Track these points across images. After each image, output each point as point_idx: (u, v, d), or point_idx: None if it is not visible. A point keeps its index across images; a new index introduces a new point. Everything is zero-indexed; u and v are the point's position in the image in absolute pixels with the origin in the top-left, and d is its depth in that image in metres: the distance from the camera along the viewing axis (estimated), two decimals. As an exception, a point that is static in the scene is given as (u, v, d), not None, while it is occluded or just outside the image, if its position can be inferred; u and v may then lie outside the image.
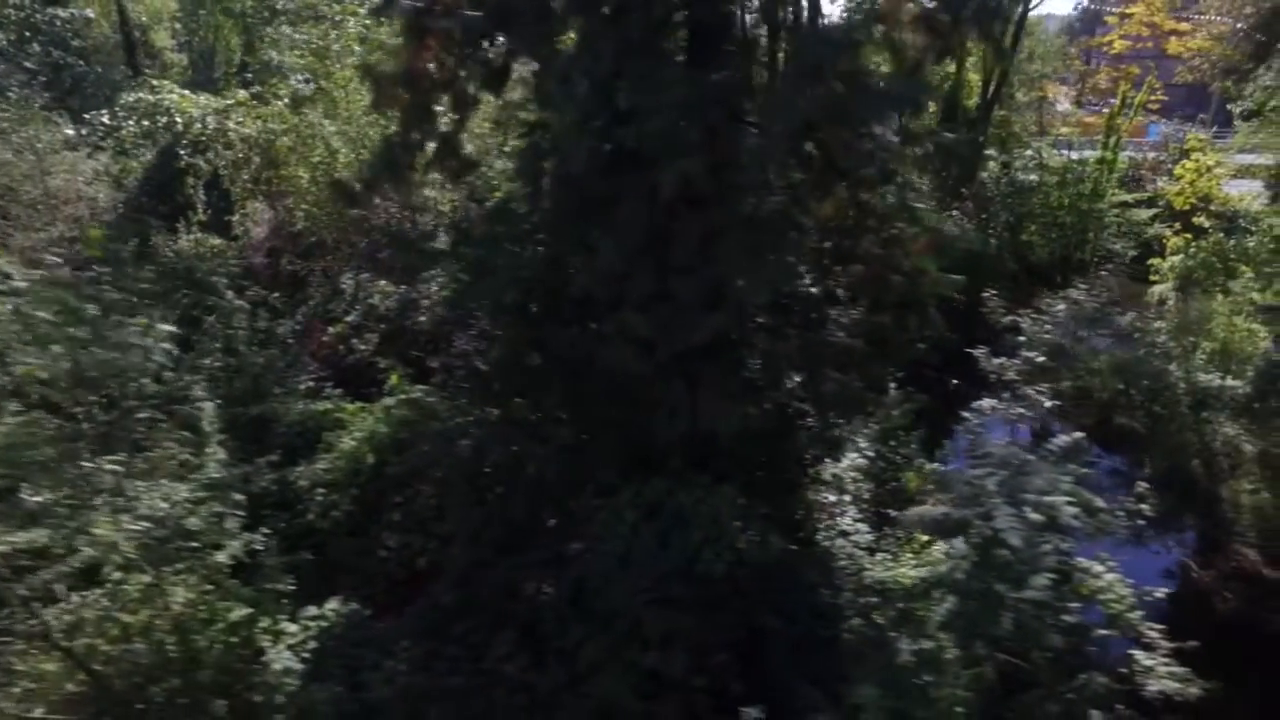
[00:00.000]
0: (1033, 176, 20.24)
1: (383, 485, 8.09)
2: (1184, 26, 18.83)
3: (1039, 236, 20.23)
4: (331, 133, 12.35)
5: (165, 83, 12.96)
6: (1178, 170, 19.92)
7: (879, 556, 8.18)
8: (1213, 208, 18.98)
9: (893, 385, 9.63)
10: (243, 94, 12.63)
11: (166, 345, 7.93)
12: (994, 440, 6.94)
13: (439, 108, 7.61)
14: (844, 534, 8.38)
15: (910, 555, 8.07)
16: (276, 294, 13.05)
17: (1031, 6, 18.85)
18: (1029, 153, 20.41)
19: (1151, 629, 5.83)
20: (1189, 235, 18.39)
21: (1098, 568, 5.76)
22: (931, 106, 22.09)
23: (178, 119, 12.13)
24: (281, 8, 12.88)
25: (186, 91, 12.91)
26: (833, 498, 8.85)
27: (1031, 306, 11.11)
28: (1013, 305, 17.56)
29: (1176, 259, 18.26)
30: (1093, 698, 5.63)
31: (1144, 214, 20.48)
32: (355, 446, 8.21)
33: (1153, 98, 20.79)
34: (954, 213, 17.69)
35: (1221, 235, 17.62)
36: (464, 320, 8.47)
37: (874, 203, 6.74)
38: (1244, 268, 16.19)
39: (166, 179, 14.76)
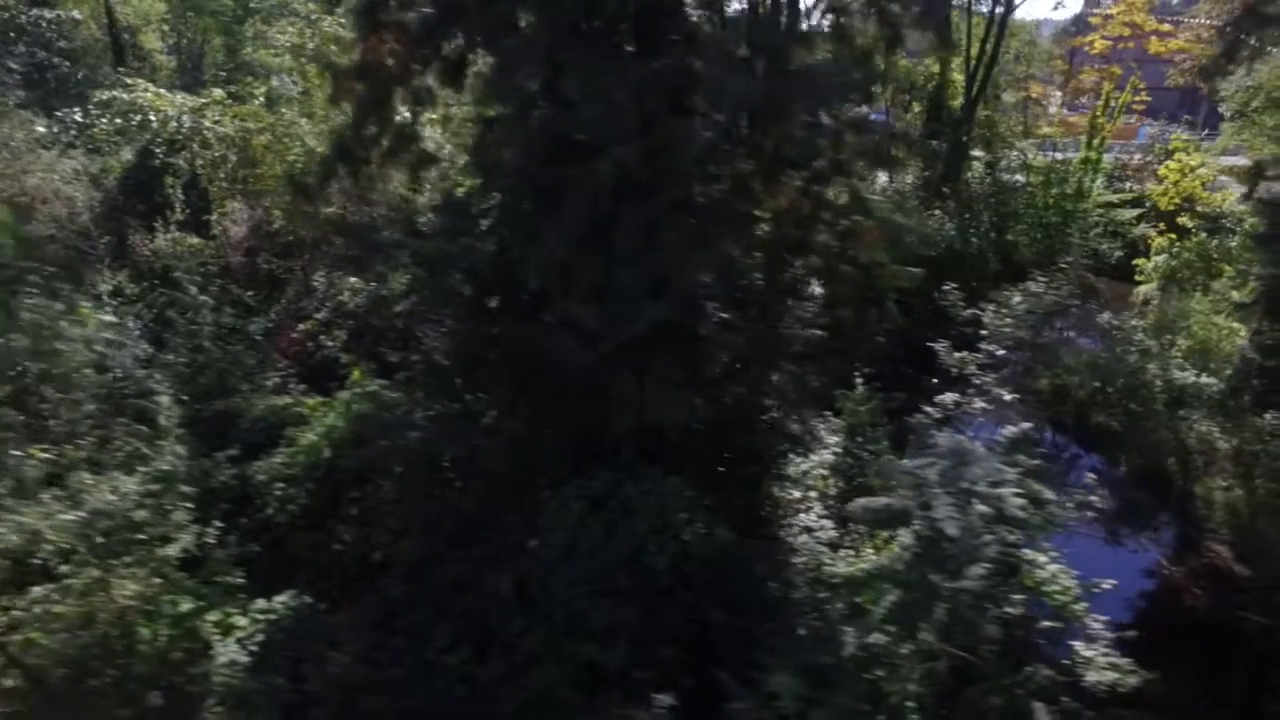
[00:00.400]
0: (1017, 177, 20.28)
1: (340, 479, 8.06)
2: (1165, 27, 18.82)
3: (1024, 237, 20.23)
4: (308, 131, 12.37)
5: (140, 81, 12.99)
6: (1162, 170, 19.95)
7: (841, 552, 8.15)
8: (1198, 208, 19.02)
9: (860, 381, 9.62)
10: (218, 93, 12.65)
11: (121, 339, 7.96)
12: (953, 435, 6.94)
13: (400, 103, 7.65)
14: (808, 530, 8.34)
15: (871, 550, 8.04)
16: (251, 292, 13.10)
17: (1015, 6, 18.89)
18: (1014, 153, 20.41)
19: (1095, 620, 5.78)
20: (1173, 235, 18.43)
21: (1042, 559, 5.72)
22: (916, 106, 22.25)
23: (152, 117, 12.14)
24: (256, 6, 12.90)
25: (163, 90, 12.93)
26: (797, 494, 8.82)
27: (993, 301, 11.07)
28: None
29: (1160, 259, 18.29)
30: (1037, 690, 5.59)
31: (1128, 214, 20.48)
32: (313, 441, 8.19)
33: (1136, 98, 20.79)
34: (936, 211, 17.71)
35: (1205, 235, 17.66)
36: (428, 315, 8.45)
37: (826, 195, 6.72)
38: (1226, 267, 16.21)
39: (145, 178, 14.76)
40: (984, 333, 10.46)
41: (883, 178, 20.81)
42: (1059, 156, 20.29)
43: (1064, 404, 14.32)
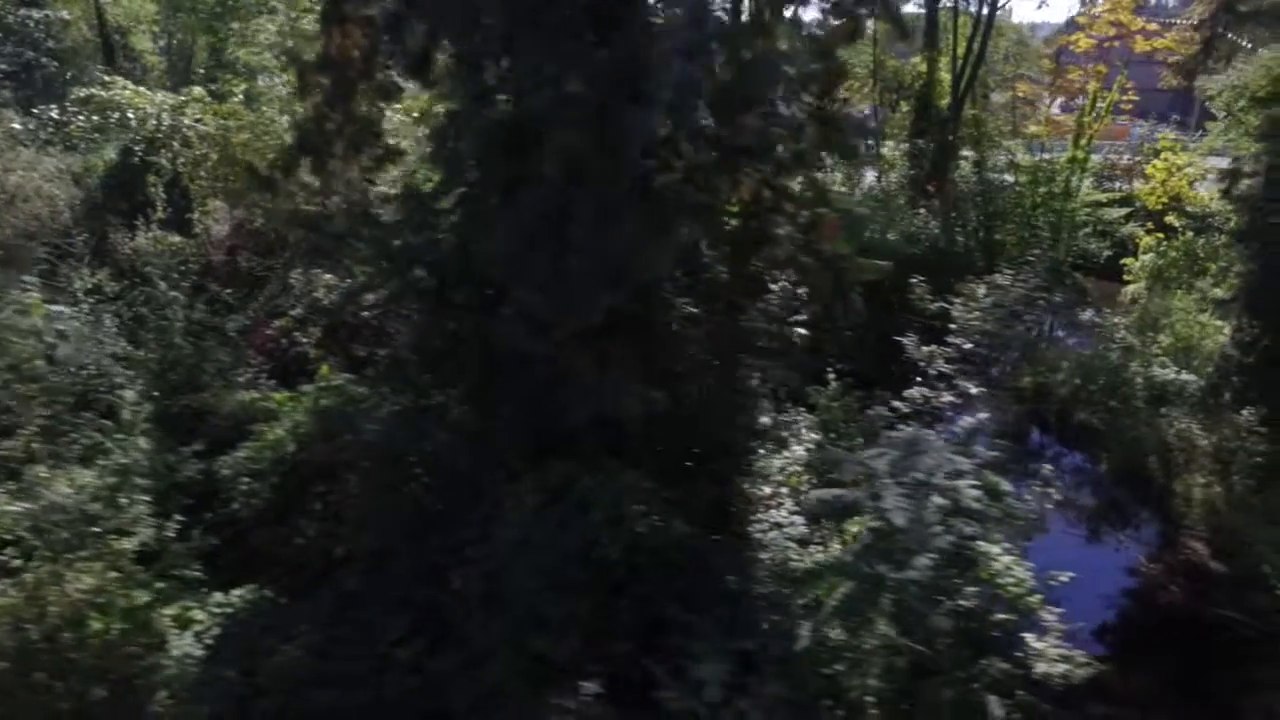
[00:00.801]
0: (1007, 177, 20.25)
1: (305, 474, 8.03)
2: (1152, 26, 18.83)
3: (1012, 236, 20.21)
4: (286, 129, 12.37)
5: (118, 79, 13.00)
6: (1149, 170, 19.95)
7: (811, 548, 8.11)
8: (1188, 208, 18.99)
9: (834, 377, 9.59)
10: (198, 90, 12.65)
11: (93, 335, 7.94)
12: (916, 428, 6.89)
13: (366, 97, 7.64)
14: (778, 526, 8.30)
15: (839, 545, 8.00)
16: (230, 290, 13.09)
17: (1000, 6, 18.90)
18: (1001, 153, 20.39)
19: (1050, 613, 5.73)
20: (1161, 235, 18.42)
21: (995, 550, 5.68)
22: (904, 105, 22.25)
23: (130, 115, 12.14)
24: (235, 3, 12.93)
25: (142, 89, 12.94)
26: (768, 490, 8.78)
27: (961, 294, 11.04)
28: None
29: (1147, 258, 18.26)
30: (991, 683, 5.54)
31: (1116, 213, 20.46)
32: (279, 436, 8.16)
33: (1124, 98, 20.79)
34: (921, 210, 17.71)
35: (1191, 234, 17.64)
36: (397, 310, 8.44)
37: (789, 187, 6.71)
38: (1212, 265, 16.19)
39: (128, 177, 14.77)
40: (953, 326, 10.42)
41: (870, 177, 20.93)
42: (1048, 157, 20.29)
43: (1047, 401, 14.31)
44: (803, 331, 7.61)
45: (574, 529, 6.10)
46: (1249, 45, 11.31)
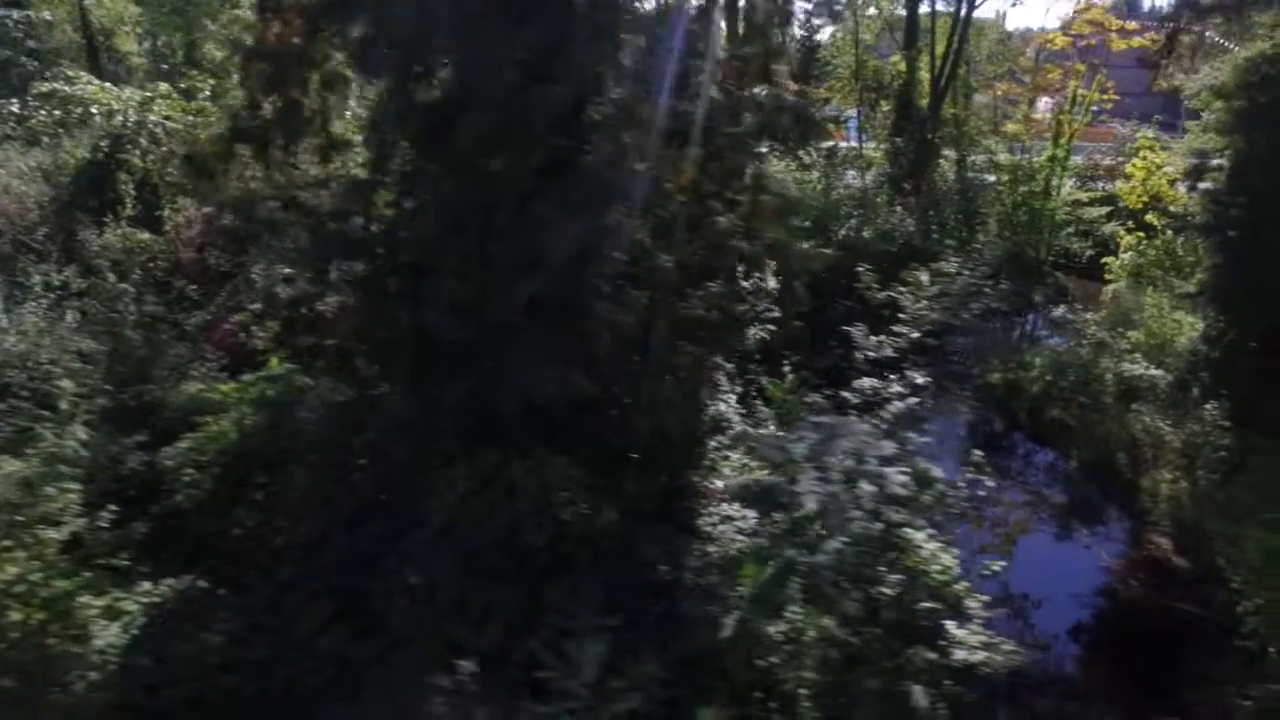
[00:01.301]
0: (988, 177, 20.21)
1: (248, 464, 7.97)
2: (1131, 26, 18.81)
3: (994, 235, 20.17)
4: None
5: (82, 74, 13.00)
6: (1129, 169, 19.90)
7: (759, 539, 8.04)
8: (1170, 207, 18.93)
9: (789, 369, 9.54)
10: (164, 87, 12.65)
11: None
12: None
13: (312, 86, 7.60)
14: (728, 519, 8.23)
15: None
16: (194, 287, 13.08)
17: (976, 5, 18.89)
18: (981, 152, 20.37)
19: (975, 601, 5.65)
20: (1141, 234, 18.38)
21: (919, 536, 5.60)
22: (885, 105, 22.24)
23: (94, 110, 12.13)
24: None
25: (108, 84, 12.94)
26: (720, 483, 8.70)
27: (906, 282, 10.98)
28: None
29: (1127, 256, 18.22)
30: (916, 673, 5.45)
31: (1096, 212, 20.42)
32: (222, 427, 8.11)
33: (1104, 97, 20.77)
34: (898, 207, 17.66)
35: (1171, 233, 17.60)
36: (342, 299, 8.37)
37: (724, 170, 6.66)
38: (1190, 263, 16.13)
39: (99, 174, 14.76)
40: (902, 315, 10.35)
41: (852, 176, 20.89)
42: (1030, 158, 20.24)
43: (1019, 398, 14.23)
44: (767, 327, 7.59)
45: (500, 517, 6.03)
46: (1212, 38, 11.26)
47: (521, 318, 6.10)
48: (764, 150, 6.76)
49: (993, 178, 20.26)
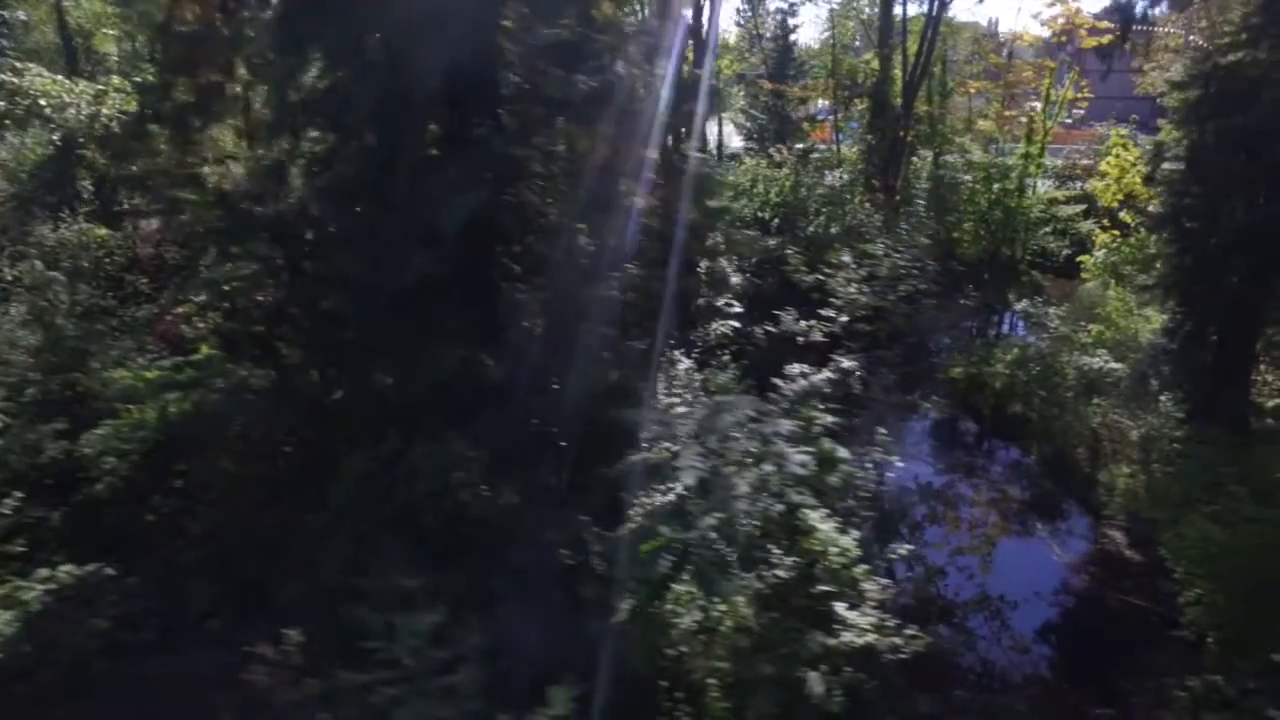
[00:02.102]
0: (964, 176, 20.09)
1: (169, 451, 7.86)
2: (1104, 25, 18.75)
3: (968, 235, 20.07)
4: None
5: (31, 66, 12.97)
6: (1103, 166, 19.81)
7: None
8: (1149, 207, 18.81)
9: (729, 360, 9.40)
10: (116, 80, 12.60)
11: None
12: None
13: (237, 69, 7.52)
14: (642, 502, 8.08)
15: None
16: (153, 282, 13.04)
17: (948, 3, 18.85)
18: (955, 151, 20.28)
19: (873, 585, 5.50)
20: (1116, 231, 18.26)
21: (814, 516, 5.45)
22: (860, 103, 22.19)
23: (43, 103, 12.08)
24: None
25: (59, 77, 12.90)
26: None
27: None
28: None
29: (1101, 254, 18.09)
30: (812, 659, 5.29)
31: (1070, 210, 20.31)
32: (144, 414, 8.00)
33: (1079, 95, 20.71)
34: (867, 204, 17.57)
35: (1144, 231, 17.48)
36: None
37: (643, 151, 6.56)
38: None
39: (57, 169, 14.72)
40: (836, 300, 10.21)
41: (831, 176, 20.83)
42: (1004, 158, 20.15)
43: (982, 393, 14.08)
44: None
45: (398, 499, 5.91)
46: (1161, 30, 11.19)
47: (426, 297, 5.99)
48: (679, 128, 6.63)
49: (968, 177, 20.17)
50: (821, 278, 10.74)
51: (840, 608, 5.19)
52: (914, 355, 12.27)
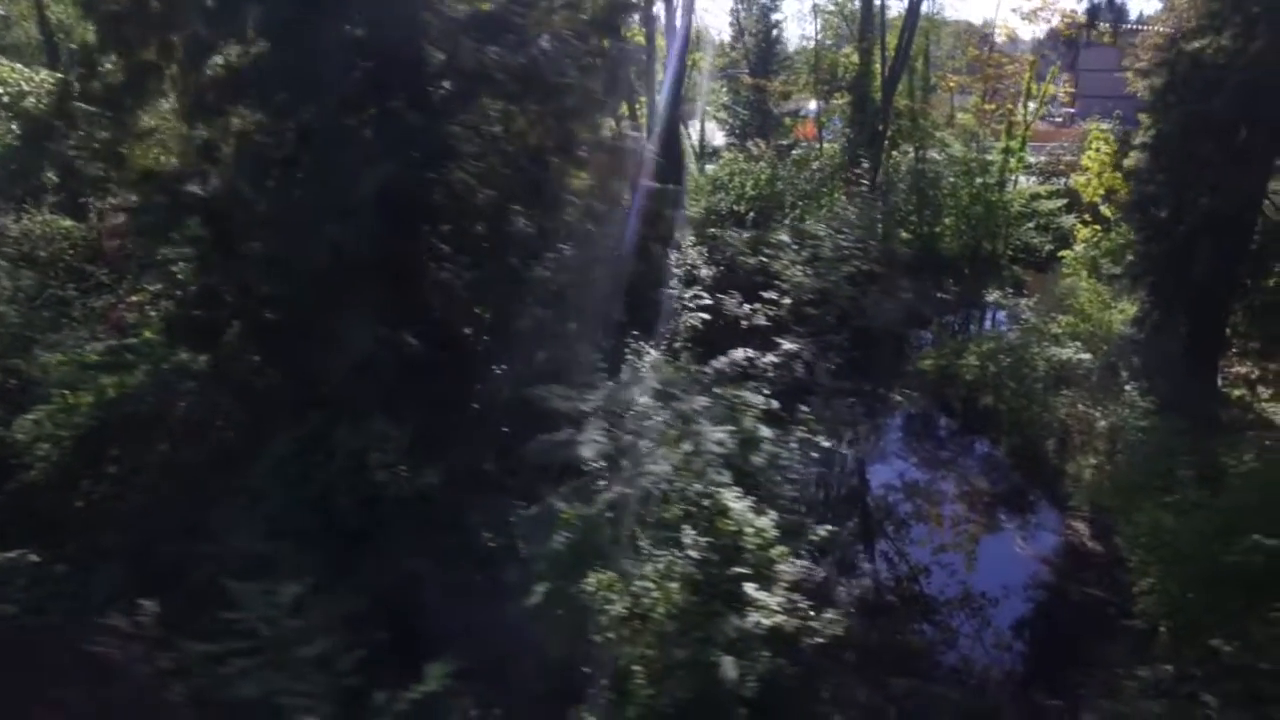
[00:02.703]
0: (944, 170, 19.96)
1: (103, 436, 7.73)
2: (1083, 19, 18.64)
3: (950, 230, 19.95)
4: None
5: (-8, 56, 12.85)
6: (1084, 161, 19.69)
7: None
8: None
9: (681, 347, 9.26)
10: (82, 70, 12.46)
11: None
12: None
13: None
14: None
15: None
16: (112, 272, 12.92)
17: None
18: (934, 146, 20.15)
19: (789, 567, 5.35)
20: (1097, 226, 18.13)
21: (729, 496, 5.31)
22: (840, 97, 22.07)
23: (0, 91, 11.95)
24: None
25: (17, 65, 12.77)
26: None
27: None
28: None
29: (1081, 248, 17.96)
30: (725, 643, 5.14)
31: (1051, 204, 20.19)
32: (79, 398, 7.87)
33: (1061, 89, 20.59)
34: (841, 196, 17.44)
35: (1125, 225, 17.36)
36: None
37: (563, 125, 6.44)
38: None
39: (24, 160, 14.60)
40: (781, 284, 10.07)
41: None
42: (984, 154, 20.00)
43: (953, 385, 13.93)
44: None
45: (315, 479, 5.78)
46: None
47: (345, 275, 5.87)
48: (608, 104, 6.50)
49: (948, 171, 20.04)
50: (764, 259, 10.58)
51: (750, 588, 5.03)
52: (868, 340, 12.08)
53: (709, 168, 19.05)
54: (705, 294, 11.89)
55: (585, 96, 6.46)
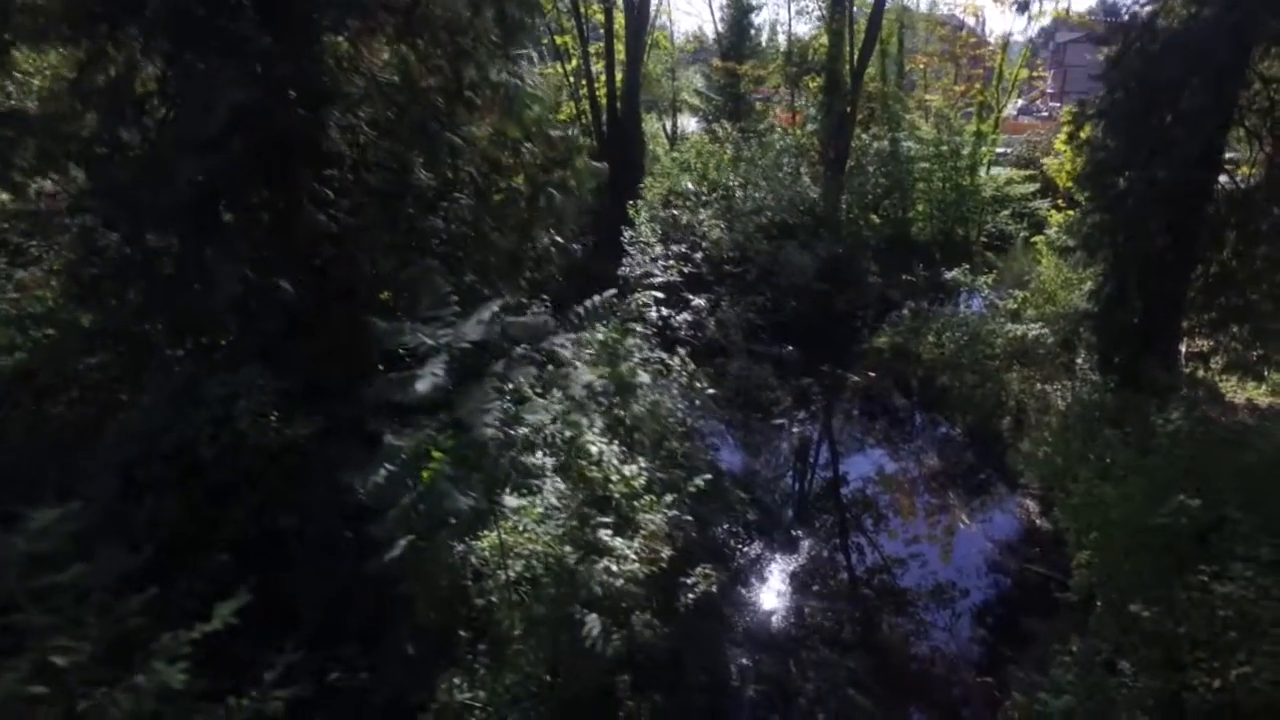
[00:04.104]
0: (913, 148, 19.62)
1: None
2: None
3: (922, 216, 19.65)
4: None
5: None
6: (1057, 144, 19.42)
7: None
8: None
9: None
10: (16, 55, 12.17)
11: None
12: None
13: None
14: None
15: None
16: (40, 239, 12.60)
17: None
18: (903, 129, 19.84)
19: (655, 515, 5.02)
20: (1070, 211, 17.85)
21: (592, 438, 4.98)
22: (813, 81, 21.75)
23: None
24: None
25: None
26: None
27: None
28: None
29: (1053, 233, 17.69)
30: (591, 600, 4.81)
31: (1024, 189, 19.89)
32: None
33: (1034, 75, 20.31)
34: (805, 176, 17.13)
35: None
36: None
37: (456, 68, 6.13)
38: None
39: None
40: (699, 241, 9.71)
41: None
42: (954, 139, 19.69)
43: (906, 361, 13.59)
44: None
45: (177, 428, 5.46)
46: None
47: (214, 215, 5.56)
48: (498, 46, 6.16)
49: (918, 152, 19.72)
50: (674, 213, 10.26)
51: (605, 535, 4.71)
52: (797, 303, 11.55)
53: (675, 154, 18.75)
54: (656, 272, 11.63)
55: (477, 37, 6.15)
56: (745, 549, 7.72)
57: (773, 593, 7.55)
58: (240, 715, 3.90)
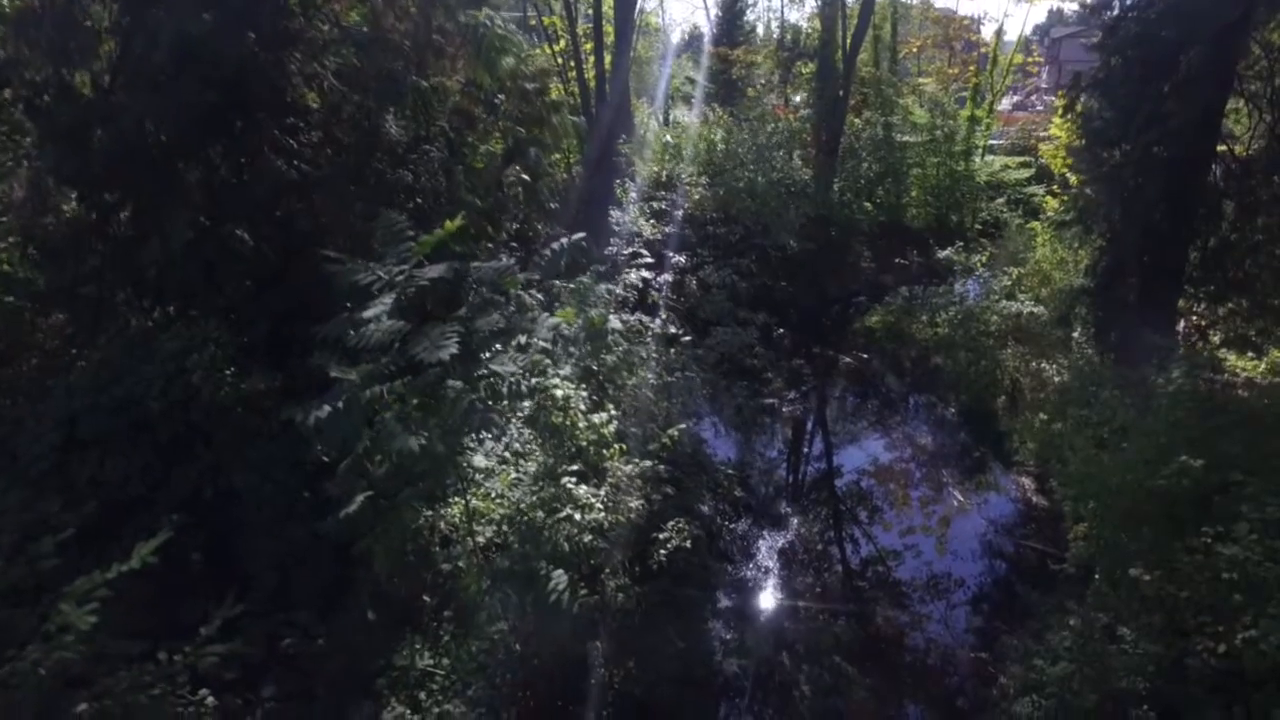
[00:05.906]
0: (907, 135, 19.38)
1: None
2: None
3: (916, 202, 19.42)
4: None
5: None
6: (1052, 130, 19.21)
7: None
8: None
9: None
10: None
11: None
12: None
13: None
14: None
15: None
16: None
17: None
18: (900, 114, 19.61)
19: (625, 465, 4.74)
20: (1065, 196, 17.63)
21: (560, 385, 4.69)
22: (806, 67, 21.51)
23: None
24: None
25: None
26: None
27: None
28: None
29: (1049, 214, 17.47)
30: (552, 554, 4.53)
31: (1019, 174, 19.66)
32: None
33: (1029, 60, 20.09)
34: (797, 160, 16.87)
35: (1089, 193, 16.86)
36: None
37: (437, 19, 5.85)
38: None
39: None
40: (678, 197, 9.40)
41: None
42: (948, 123, 19.46)
43: (904, 345, 13.35)
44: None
45: (126, 382, 5.17)
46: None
47: (165, 158, 5.27)
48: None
49: (914, 141, 19.48)
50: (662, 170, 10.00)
51: (569, 483, 4.43)
52: (783, 268, 11.24)
53: (667, 138, 18.48)
54: (646, 251, 11.34)
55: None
56: (726, 516, 7.45)
57: (754, 561, 7.28)
58: (171, 671, 3.61)
